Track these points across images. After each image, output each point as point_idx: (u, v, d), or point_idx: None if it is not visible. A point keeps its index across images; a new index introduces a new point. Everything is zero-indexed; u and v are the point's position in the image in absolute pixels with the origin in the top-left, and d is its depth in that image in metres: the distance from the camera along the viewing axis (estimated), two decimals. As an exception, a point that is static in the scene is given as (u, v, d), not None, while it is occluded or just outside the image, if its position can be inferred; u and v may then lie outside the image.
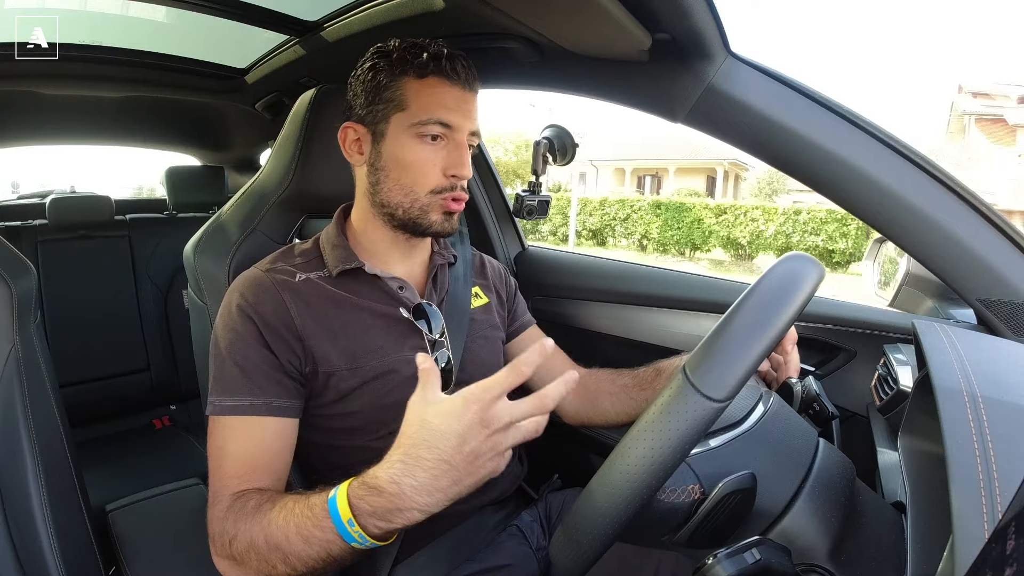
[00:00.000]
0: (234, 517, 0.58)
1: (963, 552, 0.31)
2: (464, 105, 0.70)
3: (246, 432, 0.65)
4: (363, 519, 0.49)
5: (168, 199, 1.88)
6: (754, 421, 0.53)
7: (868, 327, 0.87)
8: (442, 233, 0.74)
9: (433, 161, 0.70)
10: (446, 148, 0.71)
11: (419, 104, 0.69)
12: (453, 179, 0.71)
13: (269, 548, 0.54)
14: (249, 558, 0.56)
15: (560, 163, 1.07)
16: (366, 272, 0.74)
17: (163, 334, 1.79)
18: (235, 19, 1.07)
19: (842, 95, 0.75)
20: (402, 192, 0.71)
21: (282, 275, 0.72)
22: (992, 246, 0.69)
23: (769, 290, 0.41)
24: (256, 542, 0.55)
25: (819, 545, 0.45)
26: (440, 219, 0.73)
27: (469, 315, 0.82)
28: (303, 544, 0.52)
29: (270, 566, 0.54)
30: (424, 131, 0.69)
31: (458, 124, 0.70)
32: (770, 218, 11.05)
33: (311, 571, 0.53)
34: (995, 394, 0.41)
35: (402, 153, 0.70)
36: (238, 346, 0.67)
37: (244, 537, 0.56)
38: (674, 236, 11.92)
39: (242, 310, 0.68)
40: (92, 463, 1.44)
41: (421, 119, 0.69)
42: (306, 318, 0.69)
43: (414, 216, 0.72)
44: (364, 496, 0.49)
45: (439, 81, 0.69)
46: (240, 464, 0.63)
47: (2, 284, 0.68)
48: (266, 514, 0.56)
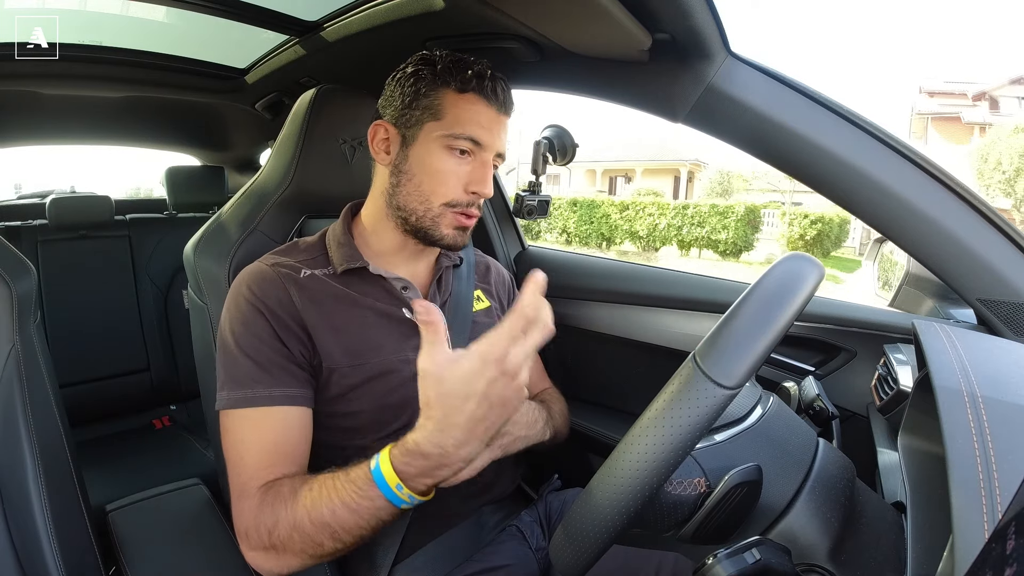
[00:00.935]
0: (270, 505, 0.59)
1: (963, 552, 0.31)
2: (496, 127, 0.72)
3: (265, 423, 0.65)
4: (411, 481, 0.52)
5: (168, 199, 1.88)
6: (755, 419, 0.53)
7: (868, 327, 0.87)
8: (452, 247, 0.75)
9: (457, 174, 0.71)
10: (472, 164, 0.71)
11: (455, 116, 0.70)
12: (473, 195, 0.72)
13: (316, 527, 0.55)
14: (293, 542, 0.57)
15: (560, 163, 1.07)
16: (370, 272, 0.75)
17: (163, 334, 1.79)
18: (235, 19, 1.07)
19: (841, 95, 0.75)
20: (419, 199, 0.72)
21: (286, 269, 0.73)
22: (992, 246, 0.69)
23: (773, 286, 0.42)
24: (301, 523, 0.56)
25: (819, 545, 0.45)
26: (452, 233, 0.73)
27: (471, 317, 0.82)
28: (351, 516, 0.54)
29: (316, 544, 0.56)
30: (455, 144, 0.70)
31: (488, 143, 0.71)
32: (663, 213, 12.32)
33: (359, 541, 0.56)
34: (995, 394, 0.41)
35: (429, 160, 0.71)
36: (249, 339, 0.67)
37: (286, 521, 0.57)
38: (587, 230, 13.08)
39: (250, 303, 0.69)
40: (92, 463, 1.44)
41: (455, 132, 0.69)
42: (311, 312, 0.70)
43: (426, 225, 0.73)
44: (409, 461, 0.51)
45: (478, 99, 0.70)
46: (264, 455, 0.64)
47: (2, 284, 0.68)
48: (306, 495, 0.57)
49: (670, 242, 12.34)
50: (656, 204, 12.66)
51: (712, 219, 11.66)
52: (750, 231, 11.54)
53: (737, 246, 11.54)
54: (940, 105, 16.66)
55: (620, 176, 20.86)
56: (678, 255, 12.31)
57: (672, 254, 12.42)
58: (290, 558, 0.58)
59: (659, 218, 12.32)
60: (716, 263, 11.49)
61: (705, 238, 11.79)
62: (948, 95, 17.15)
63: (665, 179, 20.10)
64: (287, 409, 0.66)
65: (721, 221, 11.57)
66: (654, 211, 12.41)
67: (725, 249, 11.60)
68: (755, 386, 0.61)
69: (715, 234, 11.62)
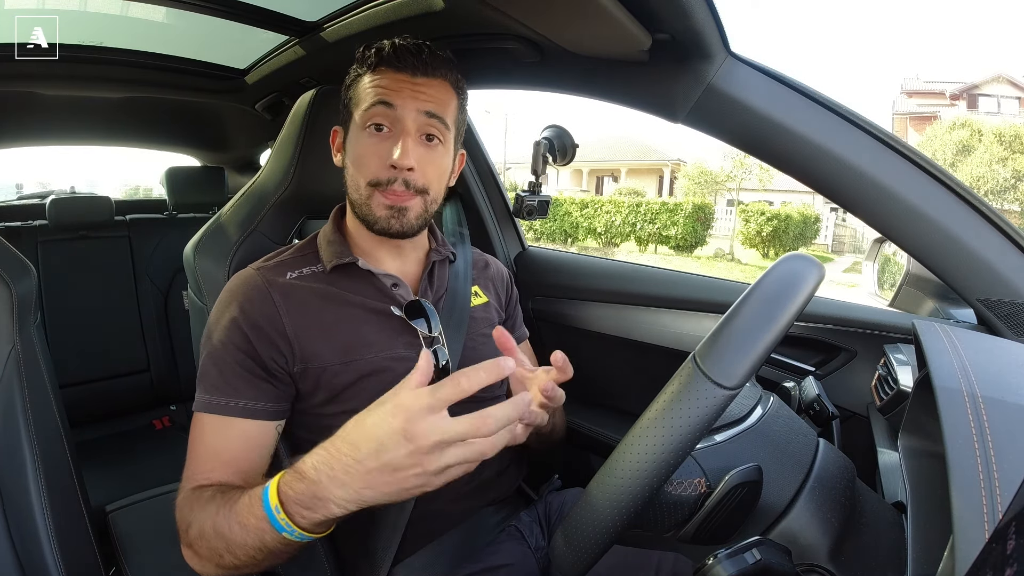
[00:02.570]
0: (190, 506, 0.60)
1: (963, 552, 0.31)
2: (408, 87, 0.69)
3: (217, 430, 0.66)
4: (288, 506, 0.49)
5: (168, 199, 1.89)
6: (755, 420, 0.53)
7: (868, 327, 0.87)
8: (388, 230, 0.71)
9: (376, 151, 0.69)
10: (391, 139, 0.70)
11: (365, 93, 0.70)
12: (393, 170, 0.69)
13: (216, 535, 0.55)
14: (200, 546, 0.57)
15: (560, 163, 1.07)
16: (360, 268, 0.74)
17: (163, 334, 1.79)
18: (235, 19, 1.07)
19: (840, 95, 0.75)
20: (353, 187, 0.72)
21: (274, 274, 0.73)
22: (992, 246, 0.69)
23: (773, 286, 0.42)
24: (205, 529, 0.56)
25: (819, 545, 0.45)
26: (384, 214, 0.70)
27: (469, 313, 0.82)
28: (241, 531, 0.53)
29: (217, 555, 0.56)
30: (369, 118, 0.69)
31: (401, 104, 0.68)
32: (618, 210, 12.84)
33: (253, 563, 0.54)
34: (995, 394, 0.41)
35: (353, 147, 0.72)
36: (219, 348, 0.68)
37: (197, 524, 0.58)
38: (551, 227, 13.54)
39: (230, 314, 0.69)
40: (92, 463, 1.44)
41: (365, 106, 0.69)
42: (296, 317, 0.70)
43: (363, 212, 0.72)
44: (290, 482, 0.49)
45: (386, 71, 0.70)
46: (207, 460, 0.65)
47: (2, 285, 0.68)
48: (216, 503, 0.57)
49: (628, 238, 12.87)
50: (612, 201, 13.23)
51: (662, 216, 12.30)
52: (700, 227, 12.12)
53: (688, 241, 12.13)
54: (918, 105, 16.83)
55: (607, 176, 21.06)
56: (637, 251, 12.72)
57: (632, 249, 12.82)
58: (203, 562, 0.58)
59: (615, 215, 12.82)
60: (667, 257, 12.10)
61: (657, 234, 12.41)
62: (927, 95, 17.34)
63: (650, 179, 20.47)
64: (244, 421, 0.66)
65: (671, 217, 12.19)
66: (611, 208, 12.95)
67: (677, 244, 12.24)
68: (755, 386, 0.61)
69: (665, 230, 12.27)
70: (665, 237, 12.30)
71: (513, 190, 1.25)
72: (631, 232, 12.64)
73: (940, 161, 12.59)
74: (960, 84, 17.19)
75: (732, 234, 13.28)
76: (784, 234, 12.01)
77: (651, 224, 12.39)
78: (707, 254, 12.61)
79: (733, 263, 12.14)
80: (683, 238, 12.07)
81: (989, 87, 16.82)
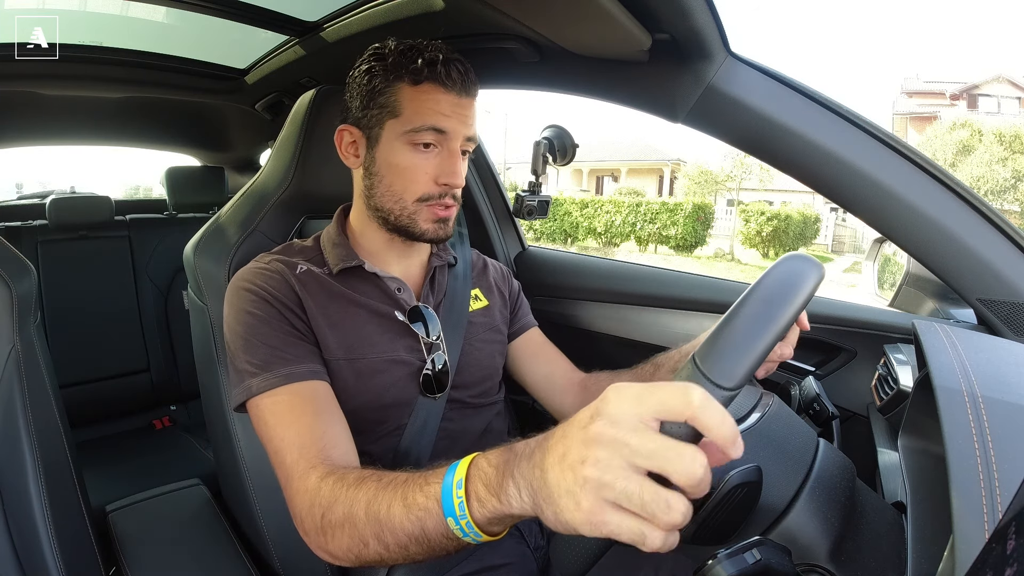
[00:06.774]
0: (330, 486, 0.54)
1: (963, 552, 0.31)
2: (459, 111, 0.69)
3: (298, 399, 0.63)
4: (473, 483, 0.42)
5: (168, 199, 1.88)
6: (755, 420, 0.53)
7: (868, 327, 0.87)
8: (435, 239, 0.74)
9: (424, 169, 0.70)
10: (439, 156, 0.70)
11: (413, 111, 0.68)
12: (444, 187, 0.71)
13: (368, 519, 0.49)
14: (343, 531, 0.51)
15: (560, 163, 1.07)
16: (366, 270, 0.75)
17: (163, 334, 1.79)
18: (235, 19, 1.07)
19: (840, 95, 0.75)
20: (392, 199, 0.72)
21: (284, 265, 0.74)
22: (992, 246, 0.69)
23: (773, 286, 0.41)
24: (355, 513, 0.50)
25: (819, 545, 0.45)
26: (432, 227, 0.72)
27: (467, 318, 0.82)
28: (402, 511, 0.46)
29: (362, 542, 0.49)
30: (417, 139, 0.69)
31: (452, 130, 0.69)
32: (618, 210, 12.82)
33: (403, 554, 0.48)
34: (995, 394, 0.41)
35: (395, 159, 0.70)
36: (261, 327, 0.67)
37: (343, 505, 0.51)
38: (551, 227, 13.48)
39: (256, 294, 0.69)
40: (92, 463, 1.44)
41: (415, 126, 0.68)
42: (311, 303, 0.71)
43: (404, 224, 0.73)
44: (491, 454, 0.42)
45: (433, 87, 0.68)
46: (307, 431, 0.60)
47: (2, 285, 0.68)
48: (372, 484, 0.51)
49: (628, 238, 12.83)
50: (612, 201, 13.16)
51: (662, 215, 12.27)
52: (700, 227, 12.06)
53: (688, 241, 12.10)
54: (919, 105, 16.86)
55: (607, 175, 21.09)
56: (637, 251, 12.71)
57: (632, 249, 12.81)
58: (337, 547, 0.52)
59: (615, 215, 12.78)
60: (667, 257, 12.09)
61: (657, 234, 12.39)
62: (927, 95, 17.37)
63: (650, 179, 20.50)
64: (316, 383, 0.65)
65: (671, 217, 12.17)
66: (611, 208, 12.90)
67: (677, 244, 12.22)
68: (755, 386, 0.61)
69: (665, 230, 12.26)
70: (665, 237, 12.31)
71: (513, 190, 1.25)
72: (631, 232, 12.65)
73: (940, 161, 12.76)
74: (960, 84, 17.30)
75: (732, 234, 13.32)
76: (784, 234, 12.04)
77: (651, 224, 12.42)
78: (707, 254, 12.63)
79: (733, 263, 12.17)
80: (683, 238, 12.07)
81: (989, 87, 16.91)
